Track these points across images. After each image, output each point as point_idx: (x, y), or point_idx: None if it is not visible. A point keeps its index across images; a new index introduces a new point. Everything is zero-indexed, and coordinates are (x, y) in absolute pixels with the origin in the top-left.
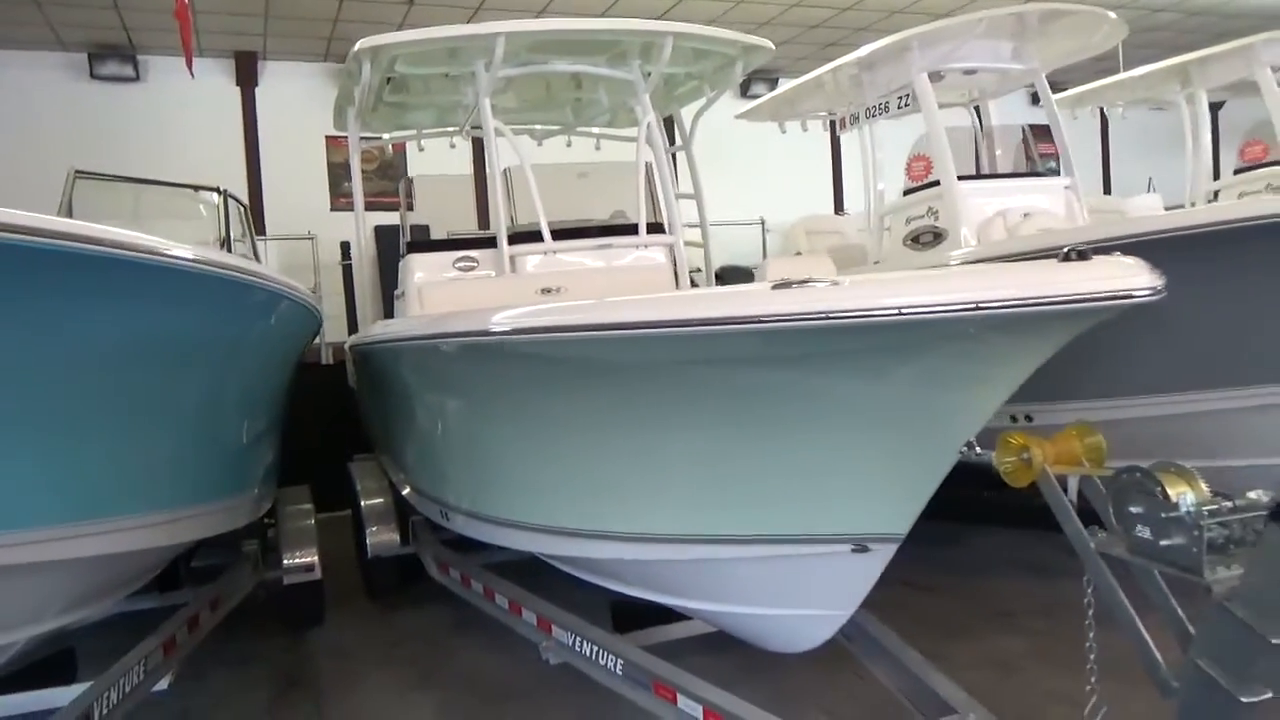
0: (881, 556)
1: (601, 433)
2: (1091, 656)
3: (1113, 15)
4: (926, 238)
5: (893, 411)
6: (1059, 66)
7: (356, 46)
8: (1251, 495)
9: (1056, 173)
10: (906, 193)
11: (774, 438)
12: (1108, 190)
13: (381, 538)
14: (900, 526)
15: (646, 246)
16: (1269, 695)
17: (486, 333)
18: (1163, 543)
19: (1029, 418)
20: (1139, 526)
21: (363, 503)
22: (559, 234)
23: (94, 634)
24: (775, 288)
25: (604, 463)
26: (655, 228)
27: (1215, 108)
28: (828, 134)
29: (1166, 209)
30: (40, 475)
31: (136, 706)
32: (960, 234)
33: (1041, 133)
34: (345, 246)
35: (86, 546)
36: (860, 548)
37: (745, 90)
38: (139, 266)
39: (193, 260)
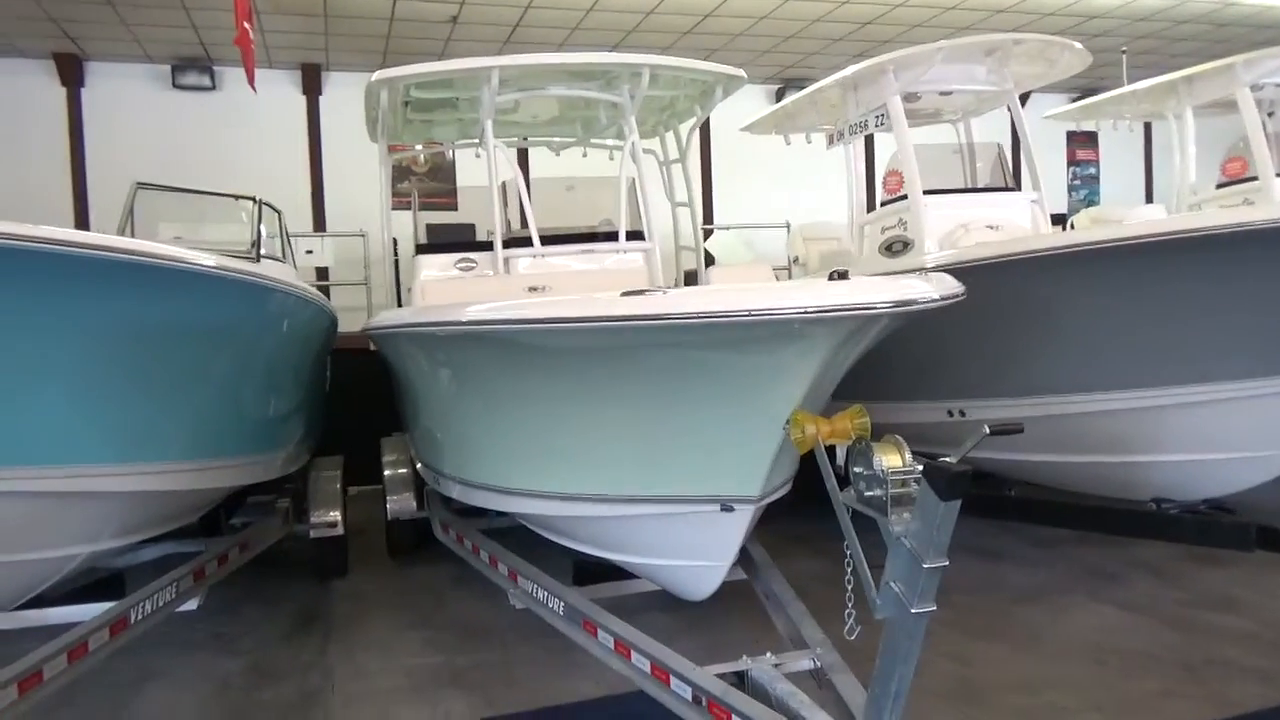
0: (744, 516)
1: (539, 407)
2: (850, 588)
3: (1077, 45)
4: (897, 246)
5: (729, 393)
6: (1031, 89)
7: (373, 78)
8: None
9: (1096, 179)
10: (882, 204)
11: (658, 414)
12: (1149, 198)
13: (400, 504)
14: (752, 490)
15: (625, 252)
16: (932, 608)
17: (436, 323)
18: (868, 494)
19: (963, 413)
20: (860, 483)
21: (386, 473)
22: (548, 240)
23: (145, 570)
24: (624, 295)
25: (546, 433)
26: (637, 235)
27: None
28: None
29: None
30: (103, 424)
31: (175, 628)
32: (924, 243)
33: (1084, 139)
34: (395, 243)
35: (139, 483)
36: (727, 508)
37: (780, 98)
38: (170, 271)
39: (214, 267)
